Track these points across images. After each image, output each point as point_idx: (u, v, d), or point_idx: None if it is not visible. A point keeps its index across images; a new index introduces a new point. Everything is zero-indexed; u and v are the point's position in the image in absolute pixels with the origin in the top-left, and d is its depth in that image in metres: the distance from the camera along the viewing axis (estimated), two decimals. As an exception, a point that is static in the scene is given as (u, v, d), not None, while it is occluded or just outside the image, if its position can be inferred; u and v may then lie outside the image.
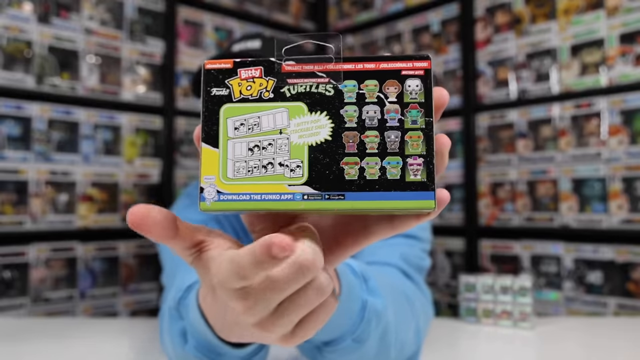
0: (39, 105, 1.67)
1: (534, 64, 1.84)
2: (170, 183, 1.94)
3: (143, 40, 1.92)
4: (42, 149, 1.68)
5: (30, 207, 1.64)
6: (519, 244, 1.82)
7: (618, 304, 1.61)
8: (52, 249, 1.67)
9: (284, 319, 0.38)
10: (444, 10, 2.08)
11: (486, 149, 1.93)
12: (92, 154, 1.77)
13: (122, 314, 1.81)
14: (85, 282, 1.74)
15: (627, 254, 1.60)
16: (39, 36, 1.68)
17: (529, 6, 1.85)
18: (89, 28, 1.79)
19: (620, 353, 0.83)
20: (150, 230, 0.38)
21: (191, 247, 0.40)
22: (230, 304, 0.39)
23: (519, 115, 1.85)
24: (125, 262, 1.83)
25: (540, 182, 1.80)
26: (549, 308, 1.74)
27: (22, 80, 1.65)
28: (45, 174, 1.67)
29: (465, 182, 1.96)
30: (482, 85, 1.96)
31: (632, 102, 1.62)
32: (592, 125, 1.71)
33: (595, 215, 1.67)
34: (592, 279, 1.67)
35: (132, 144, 1.87)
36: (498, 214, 1.88)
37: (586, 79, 1.72)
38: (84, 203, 1.75)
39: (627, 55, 1.64)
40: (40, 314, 1.64)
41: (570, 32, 1.76)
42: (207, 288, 0.43)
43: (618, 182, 1.63)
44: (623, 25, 1.65)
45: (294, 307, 0.37)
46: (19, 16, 1.65)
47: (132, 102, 1.88)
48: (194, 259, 0.41)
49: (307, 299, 0.37)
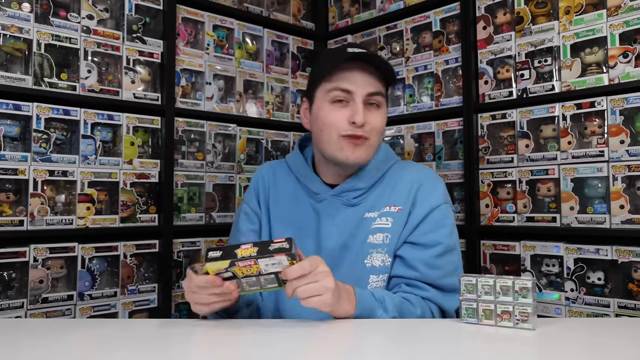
0: (37, 105, 1.67)
1: (535, 64, 1.83)
2: (170, 183, 1.94)
3: (142, 39, 1.91)
4: (41, 149, 1.67)
5: (29, 208, 1.63)
6: (519, 244, 1.81)
7: (619, 304, 1.60)
8: (51, 249, 1.67)
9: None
10: (445, 9, 2.07)
11: (486, 149, 1.92)
12: (91, 154, 1.77)
13: (122, 314, 1.81)
14: (85, 282, 1.73)
15: (629, 254, 1.60)
16: (37, 35, 1.68)
17: (530, 5, 1.85)
18: (88, 27, 1.78)
19: (621, 354, 0.82)
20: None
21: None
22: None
23: (519, 115, 1.85)
24: (124, 262, 1.83)
25: (541, 182, 1.79)
26: (550, 308, 1.74)
27: (21, 79, 1.64)
28: (44, 174, 1.67)
29: (465, 182, 1.95)
30: (483, 84, 1.95)
31: (633, 101, 1.61)
32: (593, 125, 1.70)
33: (597, 215, 1.66)
34: (594, 279, 1.66)
35: (132, 144, 1.87)
36: (498, 214, 1.88)
37: (587, 78, 1.71)
38: (83, 203, 1.74)
39: (628, 54, 1.63)
40: (39, 315, 1.63)
41: (571, 32, 1.75)
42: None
43: (619, 182, 1.62)
44: (624, 25, 1.64)
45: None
46: (17, 15, 1.64)
47: (132, 102, 1.87)
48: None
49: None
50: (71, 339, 0.93)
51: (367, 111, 1.16)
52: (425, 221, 1.15)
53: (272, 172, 1.33)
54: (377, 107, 1.18)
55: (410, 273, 1.13)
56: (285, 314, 1.17)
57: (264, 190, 1.31)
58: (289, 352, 0.83)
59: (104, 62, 1.85)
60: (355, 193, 1.20)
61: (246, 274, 0.93)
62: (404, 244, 1.16)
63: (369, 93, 1.16)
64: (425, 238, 1.14)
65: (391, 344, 0.90)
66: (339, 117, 1.16)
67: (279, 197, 1.28)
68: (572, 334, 0.94)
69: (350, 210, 1.20)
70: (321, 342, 0.92)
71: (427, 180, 1.20)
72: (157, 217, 1.92)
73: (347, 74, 1.16)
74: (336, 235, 1.18)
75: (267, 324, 1.06)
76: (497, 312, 0.93)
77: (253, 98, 2.26)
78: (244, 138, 2.18)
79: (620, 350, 0.84)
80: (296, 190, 1.27)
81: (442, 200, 1.18)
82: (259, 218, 1.29)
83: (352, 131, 1.15)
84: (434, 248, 1.13)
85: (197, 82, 2.08)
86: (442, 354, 0.83)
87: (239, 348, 0.88)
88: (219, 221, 2.08)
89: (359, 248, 1.16)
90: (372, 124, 1.16)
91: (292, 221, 1.24)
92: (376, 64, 1.16)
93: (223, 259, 0.91)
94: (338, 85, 1.16)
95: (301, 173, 1.27)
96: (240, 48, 2.20)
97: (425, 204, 1.16)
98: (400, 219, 1.16)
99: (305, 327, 0.98)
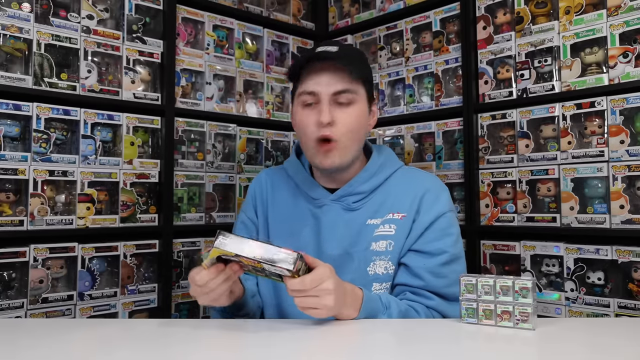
0: (37, 105, 1.67)
1: (535, 64, 1.83)
2: (170, 183, 1.94)
3: (142, 39, 1.91)
4: (41, 149, 1.67)
5: (29, 208, 1.63)
6: (519, 244, 1.81)
7: (619, 304, 1.60)
8: (51, 249, 1.67)
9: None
10: (445, 9, 2.07)
11: (486, 149, 1.92)
12: (91, 154, 1.77)
13: (122, 314, 1.81)
14: (85, 282, 1.73)
15: (629, 254, 1.60)
16: (37, 35, 1.67)
17: (530, 5, 1.85)
18: (88, 27, 1.78)
19: (621, 354, 0.82)
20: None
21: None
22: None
23: (519, 115, 1.85)
24: (124, 262, 1.83)
25: (541, 182, 1.79)
26: (550, 308, 1.74)
27: (21, 79, 1.64)
28: (44, 174, 1.67)
29: (465, 182, 1.95)
30: (483, 84, 1.95)
31: (633, 101, 1.61)
32: (593, 125, 1.70)
33: (597, 215, 1.66)
34: (594, 279, 1.66)
35: (132, 144, 1.87)
36: (498, 214, 1.88)
37: (587, 78, 1.71)
38: (83, 203, 1.74)
39: (628, 54, 1.63)
40: (39, 315, 1.63)
41: (571, 32, 1.75)
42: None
43: (619, 182, 1.62)
44: (624, 25, 1.64)
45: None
46: (17, 15, 1.64)
47: (132, 102, 1.87)
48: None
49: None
50: (71, 339, 0.93)
51: (337, 110, 1.14)
52: (431, 229, 1.14)
53: (270, 179, 1.32)
54: (348, 105, 1.15)
55: (415, 281, 1.12)
56: (286, 309, 1.17)
57: (262, 198, 1.30)
58: (289, 352, 0.83)
59: (104, 62, 1.85)
60: (355, 197, 1.19)
61: (251, 265, 0.94)
62: (408, 252, 1.15)
63: (335, 92, 1.13)
64: (430, 246, 1.14)
65: (391, 343, 0.90)
66: (310, 120, 1.15)
67: (277, 204, 1.28)
68: (572, 334, 0.94)
69: (350, 216, 1.18)
70: (321, 342, 0.92)
71: (432, 187, 1.19)
72: (157, 217, 1.92)
73: (314, 76, 1.14)
74: (337, 242, 1.17)
75: (266, 325, 1.06)
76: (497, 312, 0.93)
77: (253, 98, 2.26)
78: (244, 138, 2.18)
79: (620, 350, 0.84)
80: (295, 196, 1.26)
81: (447, 208, 1.18)
82: (256, 227, 1.29)
83: (321, 132, 1.13)
84: (439, 256, 1.13)
85: (197, 82, 2.08)
86: (442, 354, 0.83)
87: (239, 348, 0.88)
88: (219, 221, 2.08)
89: (361, 255, 1.15)
90: (341, 122, 1.13)
91: (291, 228, 1.23)
92: (340, 61, 1.12)
93: (231, 248, 0.91)
94: (305, 88, 1.15)
95: (299, 179, 1.26)
96: (240, 48, 2.20)
97: (430, 212, 1.15)
98: (404, 226, 1.15)
99: (305, 327, 0.98)
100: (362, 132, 1.19)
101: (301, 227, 1.22)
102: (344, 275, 1.13)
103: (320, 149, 1.15)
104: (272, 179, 1.32)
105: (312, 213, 1.22)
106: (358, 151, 1.20)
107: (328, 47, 1.16)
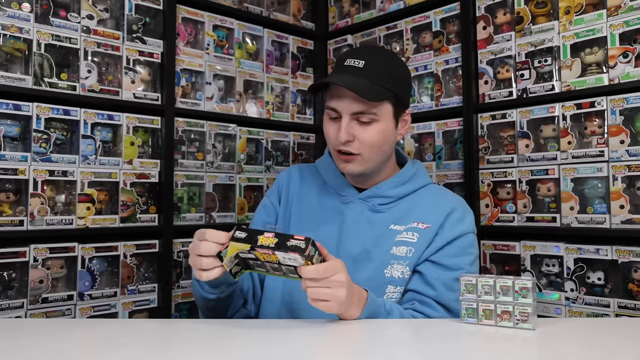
0: (37, 105, 1.67)
1: (535, 64, 1.83)
2: (170, 183, 1.94)
3: (142, 39, 1.91)
4: (41, 149, 1.67)
5: (29, 208, 1.63)
6: (519, 244, 1.81)
7: (619, 304, 1.60)
8: (51, 249, 1.67)
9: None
10: (445, 9, 2.07)
11: (486, 149, 1.92)
12: (91, 154, 1.77)
13: (122, 314, 1.81)
14: (85, 282, 1.73)
15: (629, 254, 1.60)
16: (37, 35, 1.67)
17: (530, 5, 1.85)
18: (88, 27, 1.78)
19: (621, 354, 0.82)
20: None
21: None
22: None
23: (519, 115, 1.84)
24: (124, 262, 1.83)
25: (541, 182, 1.79)
26: (550, 308, 1.74)
27: (21, 79, 1.64)
28: (44, 174, 1.67)
29: (465, 182, 1.95)
30: (483, 84, 1.95)
31: (633, 101, 1.61)
32: (593, 125, 1.70)
33: (597, 215, 1.66)
34: (594, 279, 1.66)
35: (132, 144, 1.87)
36: (498, 214, 1.88)
37: (587, 78, 1.71)
38: (83, 203, 1.74)
39: (628, 54, 1.63)
40: (39, 315, 1.63)
41: (571, 32, 1.75)
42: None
43: (619, 182, 1.62)
44: (624, 25, 1.64)
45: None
46: (17, 15, 1.64)
47: (132, 102, 1.87)
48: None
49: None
50: (71, 338, 0.93)
51: (358, 127, 1.15)
52: (452, 245, 1.17)
53: (300, 173, 1.35)
54: (369, 123, 1.15)
55: (428, 291, 1.13)
56: (297, 306, 1.18)
57: (287, 189, 1.32)
58: (289, 352, 0.83)
59: (104, 62, 1.85)
60: (382, 200, 1.22)
61: (267, 260, 0.96)
62: (425, 262, 1.16)
63: (354, 112, 1.14)
64: (448, 260, 1.15)
65: (391, 343, 0.90)
66: (332, 131, 1.18)
67: (303, 197, 1.30)
68: (572, 333, 0.94)
69: (374, 217, 1.21)
70: (322, 340, 0.92)
71: (460, 207, 1.21)
72: (157, 217, 1.92)
73: (337, 92, 1.15)
74: (357, 239, 1.19)
75: (266, 324, 1.06)
76: (497, 312, 0.93)
77: (253, 98, 2.26)
78: (244, 138, 2.18)
79: (620, 350, 0.84)
80: (322, 191, 1.29)
81: (470, 229, 1.20)
82: (277, 213, 1.31)
83: (339, 147, 1.17)
84: (455, 271, 1.14)
85: (197, 82, 2.08)
86: (442, 354, 0.83)
87: (239, 348, 0.88)
88: (219, 221, 2.08)
89: (380, 257, 1.17)
90: (362, 139, 1.15)
91: (314, 221, 1.25)
92: (356, 91, 1.10)
93: (246, 241, 0.94)
94: (329, 103, 1.18)
95: (330, 176, 1.29)
96: (240, 48, 2.20)
97: (454, 229, 1.17)
98: (427, 235, 1.17)
99: (306, 326, 0.98)
100: (387, 145, 1.20)
101: (324, 222, 1.23)
102: (360, 273, 1.14)
103: (341, 158, 1.19)
104: (301, 173, 1.35)
105: (338, 209, 1.24)
106: (383, 161, 1.22)
107: (355, 59, 1.16)
